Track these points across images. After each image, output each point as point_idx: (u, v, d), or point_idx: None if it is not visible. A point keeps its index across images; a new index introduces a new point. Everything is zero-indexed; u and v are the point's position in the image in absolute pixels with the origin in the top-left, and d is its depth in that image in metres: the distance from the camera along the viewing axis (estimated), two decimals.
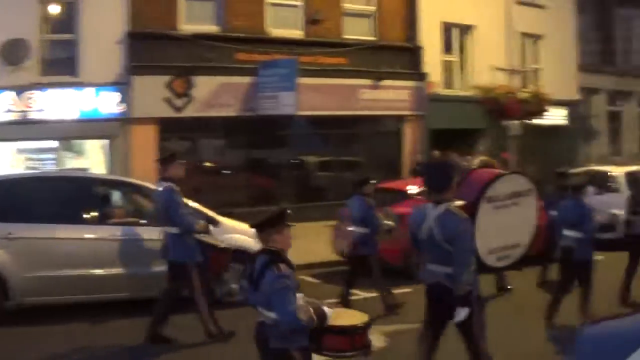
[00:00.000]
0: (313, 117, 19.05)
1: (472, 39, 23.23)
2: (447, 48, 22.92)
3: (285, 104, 17.42)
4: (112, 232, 9.45)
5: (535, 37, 25.63)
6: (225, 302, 9.57)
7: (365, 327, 5.24)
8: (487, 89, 22.07)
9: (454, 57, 23.09)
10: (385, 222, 10.06)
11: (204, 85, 17.40)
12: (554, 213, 9.98)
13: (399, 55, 21.08)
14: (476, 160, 20.14)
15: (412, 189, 13.06)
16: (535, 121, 23.67)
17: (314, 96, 18.31)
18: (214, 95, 17.52)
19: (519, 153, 21.86)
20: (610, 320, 2.71)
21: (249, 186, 18.46)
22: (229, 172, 18.83)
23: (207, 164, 18.57)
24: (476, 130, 22.97)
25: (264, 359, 5.02)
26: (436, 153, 20.26)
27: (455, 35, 23.10)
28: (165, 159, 8.41)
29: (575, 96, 27.23)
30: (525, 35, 25.10)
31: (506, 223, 7.02)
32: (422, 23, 21.56)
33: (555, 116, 25.51)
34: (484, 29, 23.13)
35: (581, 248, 8.93)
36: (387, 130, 21.63)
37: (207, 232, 8.60)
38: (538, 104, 23.24)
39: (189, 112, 17.28)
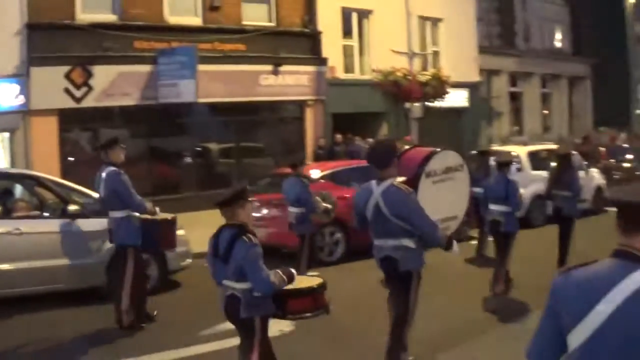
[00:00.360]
0: (214, 104, 20.30)
1: (371, 23, 25.09)
2: (347, 33, 24.65)
3: (185, 91, 18.48)
4: (15, 225, 9.82)
5: (435, 20, 27.77)
6: None
7: (324, 287, 5.99)
8: (387, 73, 23.77)
9: (353, 42, 24.88)
10: (323, 204, 10.82)
11: (103, 75, 18.22)
12: (477, 190, 11.21)
13: (298, 41, 22.59)
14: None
15: (315, 174, 13.95)
16: (437, 103, 25.60)
17: (214, 83, 19.54)
18: (113, 84, 18.36)
19: (421, 135, 23.82)
20: (580, 267, 3.25)
21: (151, 175, 19.19)
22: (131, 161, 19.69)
23: None
24: (377, 113, 24.80)
25: (237, 328, 5.83)
26: (338, 137, 22.01)
27: (354, 19, 24.87)
28: (107, 144, 9.05)
29: (476, 78, 29.55)
30: (424, 18, 27.14)
31: (443, 197, 7.86)
32: (321, 8, 23.13)
33: (457, 98, 27.62)
34: (382, 13, 24.94)
35: (507, 221, 10.14)
36: (288, 116, 23.22)
37: (154, 212, 9.29)
38: (438, 87, 25.11)
39: (89, 102, 18.12)
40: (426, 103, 24.65)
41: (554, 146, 19.75)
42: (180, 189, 19.99)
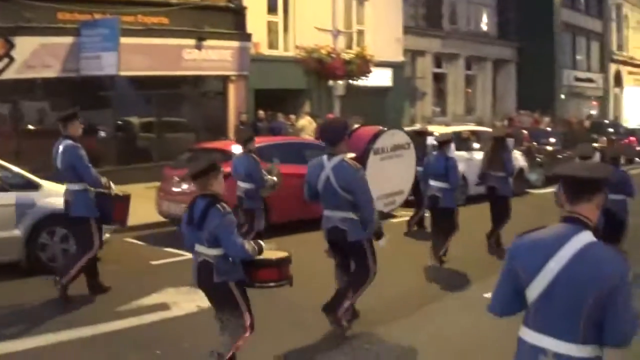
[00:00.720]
0: (136, 77, 20.79)
1: (297, 0, 25.97)
2: (272, 8, 25.55)
3: (107, 64, 18.74)
4: None
5: None
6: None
7: (289, 260, 6.67)
8: (311, 50, 24.66)
9: (278, 18, 25.84)
10: (269, 177, 11.21)
11: (25, 46, 18.28)
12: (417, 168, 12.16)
13: (223, 16, 23.16)
14: (301, 121, 23.05)
15: (235, 149, 13.95)
16: (360, 82, 26.71)
17: (137, 56, 19.97)
18: (34, 56, 18.50)
19: (344, 113, 24.60)
20: (533, 231, 3.84)
21: None
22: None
23: (29, 126, 19.54)
24: (300, 90, 25.86)
25: (208, 295, 6.38)
26: (261, 113, 22.93)
27: None
28: (67, 117, 9.34)
29: (400, 58, 30.88)
30: None
31: (391, 172, 8.89)
32: None
33: (380, 77, 28.85)
34: None
35: (446, 197, 11.23)
36: (211, 91, 24.02)
37: (109, 187, 9.72)
38: (362, 65, 26.12)
39: (10, 74, 18.21)
40: (349, 81, 25.58)
41: (475, 128, 21.04)
42: (100, 162, 19.74)
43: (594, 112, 49.99)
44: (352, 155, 7.87)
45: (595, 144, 26.52)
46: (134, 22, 20.46)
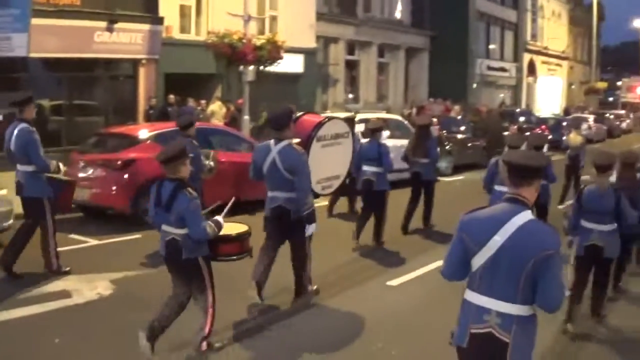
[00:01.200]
0: (47, 59, 21.45)
1: None
2: None
3: (17, 45, 19.22)
4: None
5: None
6: None
7: (249, 234, 7.59)
8: (222, 35, 25.18)
9: (190, 2, 26.89)
10: (207, 162, 11.74)
11: None
12: None
13: None
14: (212, 106, 24.15)
15: (143, 134, 14.77)
16: (272, 68, 27.22)
17: (48, 38, 20.50)
18: None
19: (255, 99, 25.85)
20: (480, 209, 4.71)
21: None
22: None
23: None
24: (211, 75, 26.92)
25: (176, 270, 7.08)
26: (171, 98, 23.91)
27: None
28: (22, 102, 10.13)
29: (312, 44, 32.35)
30: None
31: (330, 158, 9.83)
32: None
33: (292, 63, 30.03)
34: None
35: (379, 181, 12.56)
36: (122, 74, 24.81)
37: (58, 171, 10.35)
38: (273, 51, 26.71)
39: None
40: (260, 67, 26.64)
41: (384, 115, 22.17)
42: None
43: (506, 100, 52.35)
44: (297, 140, 8.91)
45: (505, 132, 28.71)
46: (46, 3, 20.85)
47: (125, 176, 13.74)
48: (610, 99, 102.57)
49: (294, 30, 30.03)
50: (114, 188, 13.62)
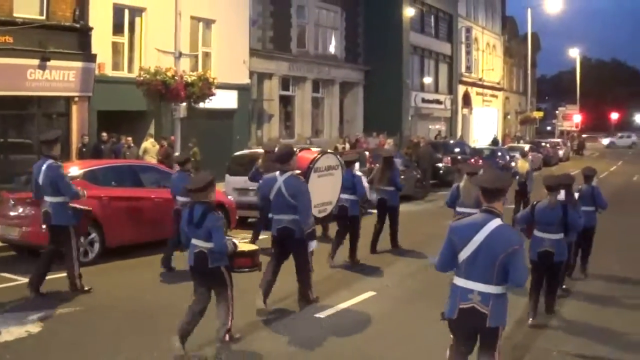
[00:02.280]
0: None
1: (143, 21, 27.88)
2: (117, 29, 27.18)
3: None
4: None
5: (208, 22, 31.14)
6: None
7: (258, 252, 9.58)
8: (154, 72, 25.58)
9: (123, 39, 27.53)
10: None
11: None
12: None
13: (68, 36, 24.30)
14: (145, 143, 24.68)
15: (73, 171, 14.83)
16: (205, 104, 27.76)
17: None
18: None
19: (189, 135, 26.71)
20: (463, 218, 6.71)
21: None
22: None
23: None
24: (144, 112, 27.52)
25: (200, 278, 8.62)
26: (104, 135, 24.43)
27: (126, 16, 27.53)
28: (51, 140, 11.68)
29: (246, 80, 33.28)
30: (197, 19, 30.33)
31: (324, 187, 11.96)
32: (93, 3, 25.30)
33: (226, 99, 30.95)
34: (154, 11, 27.68)
35: (352, 207, 14.37)
36: (55, 112, 25.05)
37: (83, 195, 12.08)
38: (205, 88, 27.03)
39: None
40: (192, 104, 27.02)
41: (317, 149, 22.99)
42: None
43: (442, 132, 53.74)
44: (298, 172, 10.81)
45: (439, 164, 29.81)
46: None
47: None
48: (548, 127, 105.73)
49: (228, 66, 30.96)
50: (44, 226, 13.39)
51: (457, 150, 37.42)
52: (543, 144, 55.76)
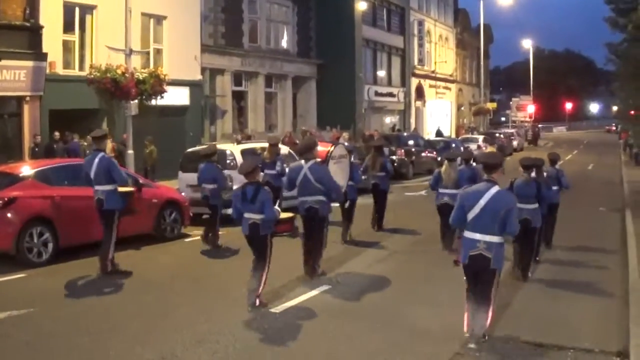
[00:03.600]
0: None
1: (93, 19, 28.12)
2: (68, 27, 27.38)
3: None
4: None
5: (159, 18, 31.47)
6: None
7: (295, 218, 11.96)
8: (105, 70, 26.41)
9: (74, 37, 27.73)
10: (230, 183, 16.97)
11: None
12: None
13: (18, 35, 24.43)
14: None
15: (25, 171, 14.85)
16: (158, 102, 28.89)
17: None
18: None
19: (140, 133, 27.00)
20: (469, 187, 9.33)
21: None
22: None
23: None
24: (95, 110, 27.81)
25: (255, 244, 10.62)
26: (57, 134, 24.60)
27: (77, 14, 27.73)
28: (100, 137, 13.44)
29: (198, 76, 33.66)
30: (147, 15, 30.62)
31: (337, 172, 13.34)
32: (43, 1, 25.48)
33: (178, 96, 31.45)
34: (105, 9, 27.96)
35: (350, 192, 15.72)
36: (6, 112, 25.03)
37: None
38: (155, 85, 28.08)
39: None
40: (144, 101, 27.64)
41: (264, 144, 23.30)
42: None
43: (396, 125, 54.53)
44: (319, 159, 12.79)
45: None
46: None
47: (8, 215, 13.68)
48: (502, 118, 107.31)
49: (179, 62, 31.33)
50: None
51: (410, 142, 38.09)
52: (497, 134, 56.75)
